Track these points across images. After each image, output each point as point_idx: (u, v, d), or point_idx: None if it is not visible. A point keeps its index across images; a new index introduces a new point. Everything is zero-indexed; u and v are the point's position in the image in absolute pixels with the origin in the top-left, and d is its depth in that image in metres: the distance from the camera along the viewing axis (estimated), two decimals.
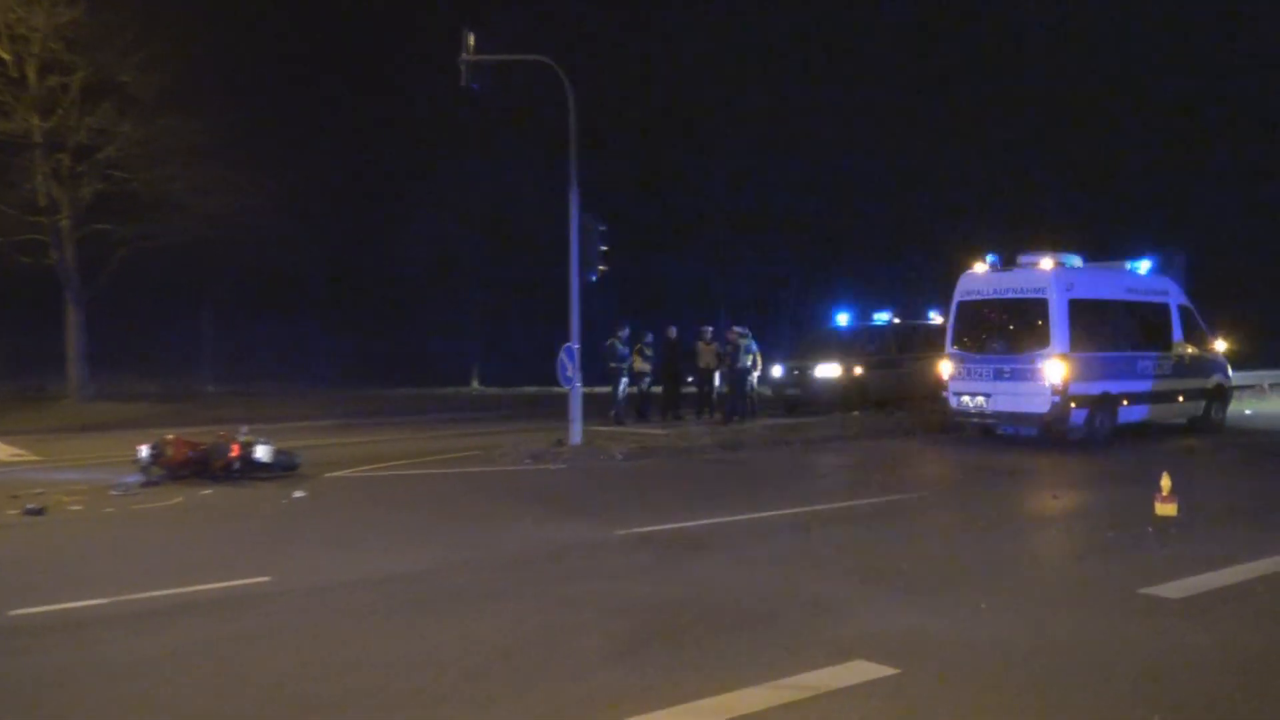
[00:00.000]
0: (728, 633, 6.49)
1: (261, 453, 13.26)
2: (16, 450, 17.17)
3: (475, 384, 41.17)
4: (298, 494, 12.15)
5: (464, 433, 20.50)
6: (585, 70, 25.05)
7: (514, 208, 39.25)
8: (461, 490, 12.89)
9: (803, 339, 27.35)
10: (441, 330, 44.30)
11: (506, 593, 7.52)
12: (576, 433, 16.84)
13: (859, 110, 44.01)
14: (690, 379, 22.41)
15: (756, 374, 21.16)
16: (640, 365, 20.96)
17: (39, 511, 10.92)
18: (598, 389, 21.94)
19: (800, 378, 23.21)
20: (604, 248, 17.27)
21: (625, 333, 20.63)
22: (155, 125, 26.40)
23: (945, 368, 18.22)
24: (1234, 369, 21.12)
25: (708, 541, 9.41)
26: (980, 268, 18.06)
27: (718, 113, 43.22)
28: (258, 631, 6.65)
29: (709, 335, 21.97)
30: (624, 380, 20.50)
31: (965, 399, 17.75)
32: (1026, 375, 16.92)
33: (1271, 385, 28.28)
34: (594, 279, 17.30)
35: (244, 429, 13.73)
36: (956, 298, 18.25)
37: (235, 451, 13.11)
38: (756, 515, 10.83)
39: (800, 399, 23.08)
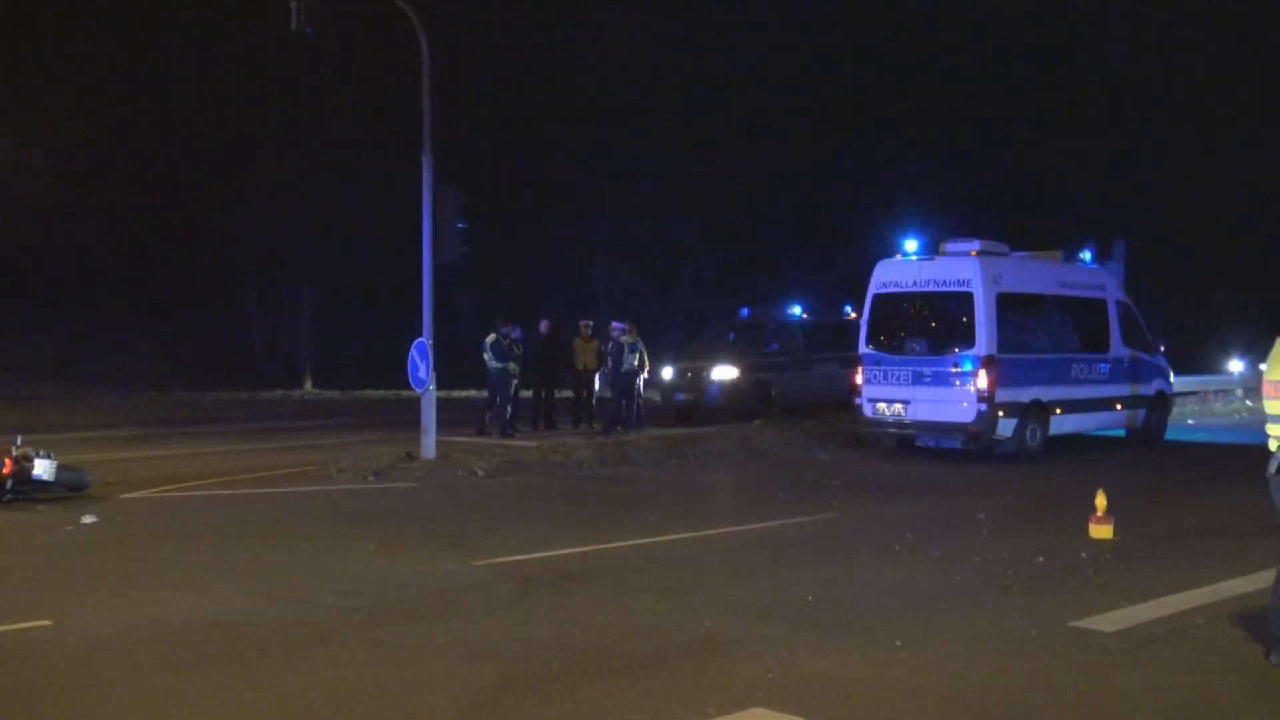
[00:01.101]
0: (606, 679, 6.52)
1: (41, 469, 12.78)
2: None
3: (308, 386, 40.45)
4: (86, 519, 11.77)
5: (295, 444, 20.14)
6: (443, 15, 24.82)
7: (357, 179, 38.68)
8: (289, 514, 12.65)
9: (697, 337, 27.62)
10: (267, 323, 43.38)
11: (340, 639, 7.40)
12: (430, 445, 16.70)
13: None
14: (565, 382, 22.40)
15: (644, 377, 21.30)
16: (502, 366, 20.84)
17: None
18: (456, 392, 21.79)
19: (694, 381, 23.38)
20: (464, 225, 17.15)
21: (513, 330, 20.14)
22: None
23: (859, 371, 18.57)
24: (1175, 374, 22.14)
25: (584, 573, 9.43)
26: (899, 256, 18.44)
27: (604, 64, 42.67)
28: (30, 689, 6.39)
29: (588, 331, 22.02)
30: (513, 383, 19.96)
31: (881, 406, 18.15)
32: (949, 380, 17.38)
33: (1217, 393, 29.74)
34: (452, 260, 17.16)
35: (18, 439, 13.20)
36: (871, 290, 18.61)
37: (7, 468, 12.61)
38: (641, 541, 10.90)
39: (694, 406, 23.29)
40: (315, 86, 38.86)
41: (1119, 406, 19.75)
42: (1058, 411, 18.25)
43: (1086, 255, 19.93)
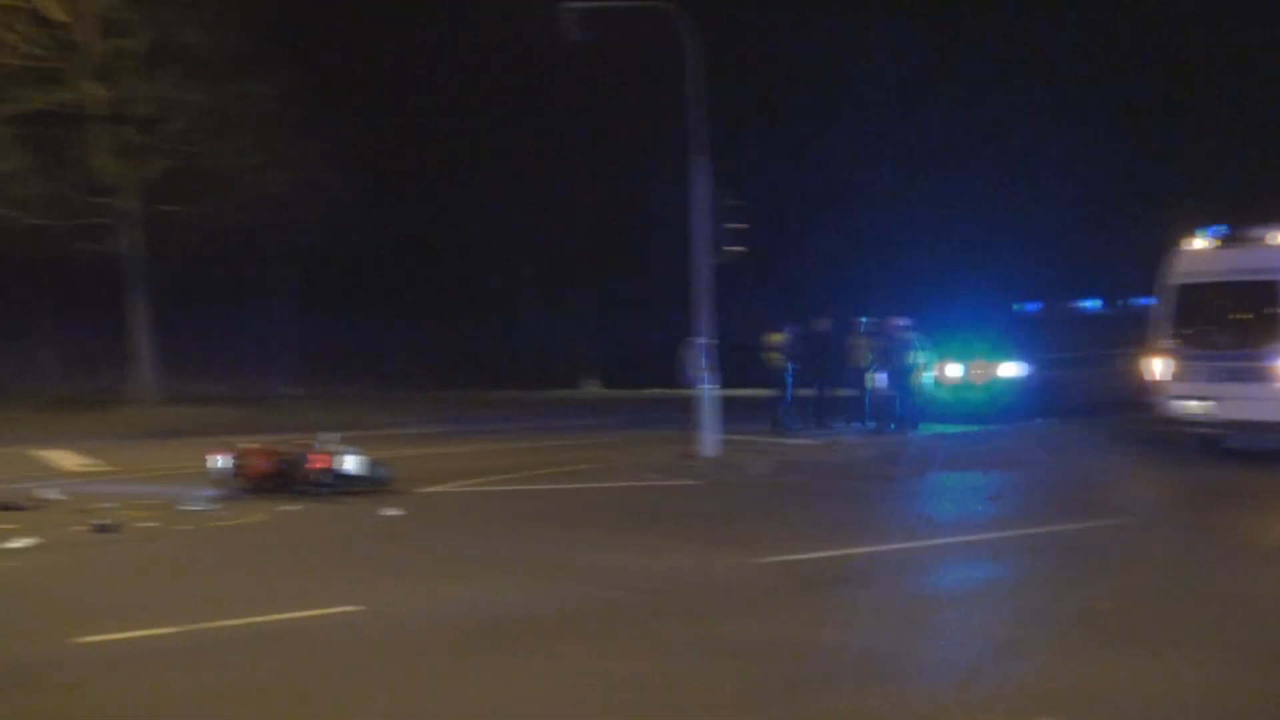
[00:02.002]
0: (891, 683, 6.49)
1: (351, 464, 13.71)
2: (85, 460, 18.16)
3: (590, 385, 41.62)
4: (391, 512, 12.56)
5: (577, 442, 20.77)
6: (711, 18, 25.03)
7: (640, 181, 39.39)
8: (574, 510, 13.11)
9: (981, 331, 26.82)
10: (550, 324, 44.86)
11: (619, 632, 7.65)
12: (709, 442, 16.93)
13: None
14: (842, 380, 22.20)
15: (923, 375, 20.87)
16: (782, 364, 20.91)
17: (110, 528, 11.57)
18: (732, 391, 21.99)
19: (976, 379, 22.78)
20: (739, 225, 17.30)
21: (792, 328, 20.43)
22: (225, 92, 27.50)
23: (1158, 366, 17.64)
24: None
25: (866, 574, 9.38)
26: (1200, 243, 17.39)
27: (882, 68, 42.19)
28: (344, 668, 6.93)
29: (865, 329, 21.79)
30: (793, 382, 20.24)
31: (1185, 404, 17.17)
32: (1266, 376, 16.28)
33: None
34: (724, 261, 17.36)
35: (332, 437, 14.23)
36: (1173, 280, 17.61)
37: (322, 463, 13.58)
38: (926, 543, 10.74)
39: (977, 404, 22.66)
40: (589, 86, 39.87)
41: None
42: None
43: None
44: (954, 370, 23.47)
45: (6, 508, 12.78)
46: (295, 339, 39.31)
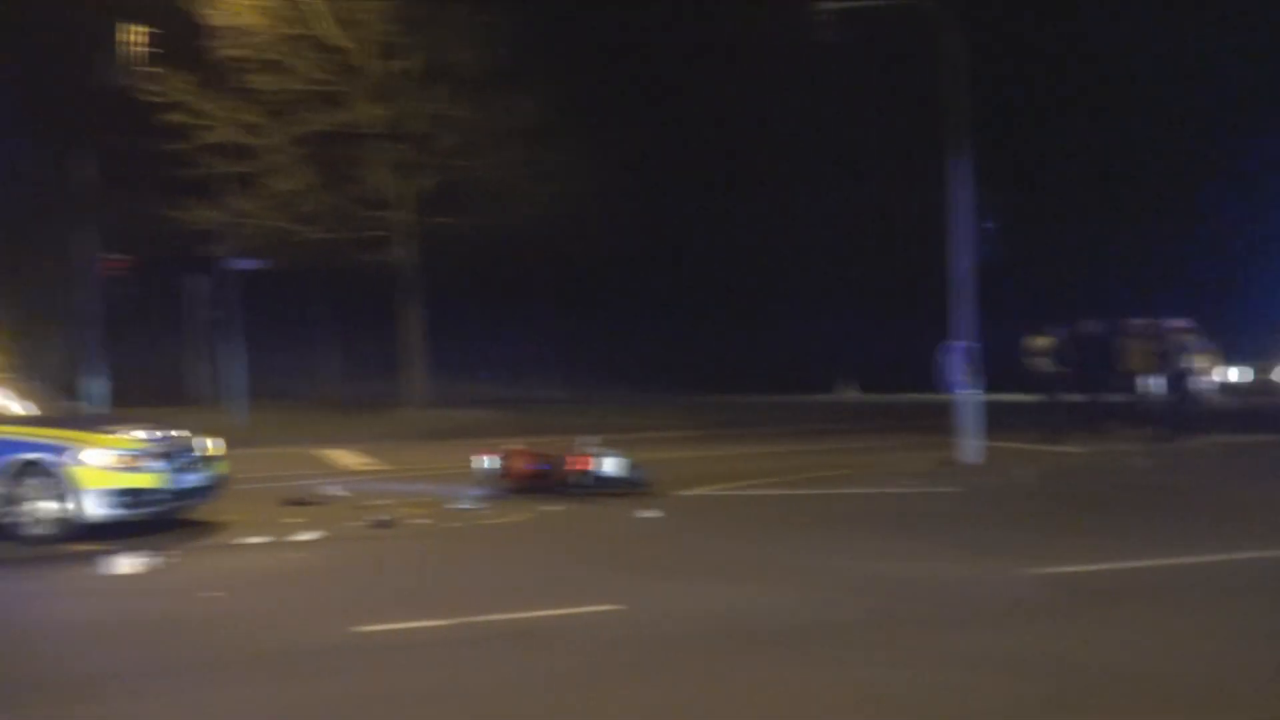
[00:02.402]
0: (1163, 709, 6.09)
1: (611, 466, 13.99)
2: (364, 459, 19.27)
3: (847, 390, 41.18)
4: (649, 514, 12.72)
5: (834, 447, 20.56)
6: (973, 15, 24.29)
7: (896, 181, 38.69)
8: (831, 515, 12.96)
9: (1269, 333, 25.10)
10: (806, 328, 44.57)
11: (879, 640, 7.47)
12: (970, 449, 16.45)
13: None
14: (1114, 385, 21.15)
15: (1206, 379, 19.62)
16: (1048, 367, 20.12)
17: (386, 524, 12.18)
18: (996, 396, 21.28)
19: (1266, 383, 21.34)
20: (993, 225, 16.82)
21: (1059, 331, 19.71)
22: (491, 107, 28.59)
23: None
24: None
25: (1145, 588, 8.87)
26: None
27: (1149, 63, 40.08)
28: (604, 665, 7.02)
29: (1139, 330, 20.65)
30: (1062, 387, 19.55)
31: None
32: None
33: None
34: (983, 261, 16.86)
35: (592, 440, 14.55)
36: None
37: (583, 465, 13.92)
38: (1212, 558, 10.04)
39: (1263, 411, 21.18)
40: (842, 86, 39.35)
41: None
42: None
43: None
44: (1238, 374, 22.02)
45: (295, 503, 13.65)
46: (556, 344, 40.44)
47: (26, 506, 11.33)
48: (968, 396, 16.54)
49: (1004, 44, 38.52)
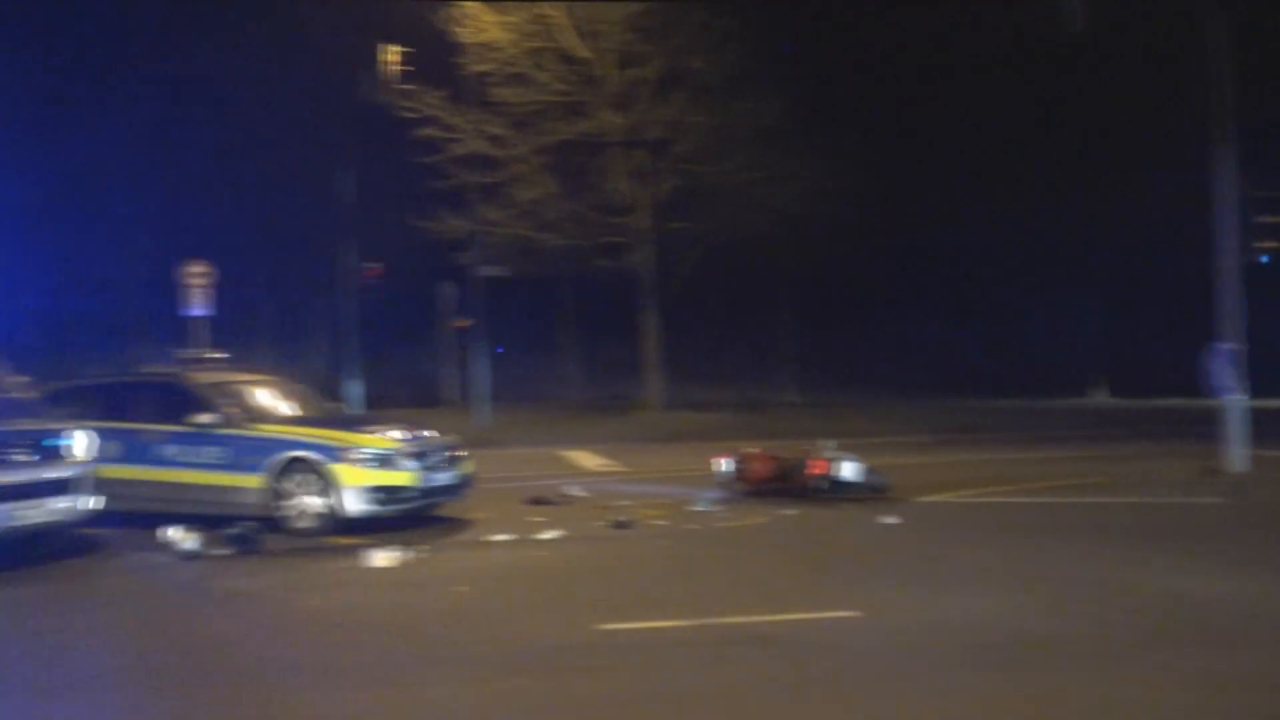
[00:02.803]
0: None
1: (848, 471, 13.82)
2: (603, 461, 19.67)
3: (1097, 394, 39.45)
4: (888, 519, 12.49)
5: (1082, 454, 19.77)
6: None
7: (1149, 177, 36.79)
8: (1079, 524, 12.46)
9: None
10: (1053, 331, 42.90)
11: (1132, 656, 7.10)
12: (1236, 458, 15.48)
13: None
14: None
15: None
16: None
17: (626, 525, 12.38)
18: (1265, 402, 19.96)
19: None
20: (1262, 220, 15.81)
21: None
22: (727, 112, 28.70)
23: None
24: None
25: None
26: None
27: None
28: (842, 672, 6.93)
29: None
30: None
31: None
32: None
33: None
34: (1247, 260, 15.87)
35: (829, 444, 14.41)
36: None
37: (820, 469, 13.80)
38: None
39: None
40: (1093, 75, 37.66)
41: None
42: None
43: None
44: None
45: (537, 502, 14.04)
46: (792, 347, 40.26)
47: (293, 502, 12.05)
48: (1234, 401, 15.56)
49: (1273, 24, 36.10)
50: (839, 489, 13.80)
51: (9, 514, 10.23)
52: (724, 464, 14.49)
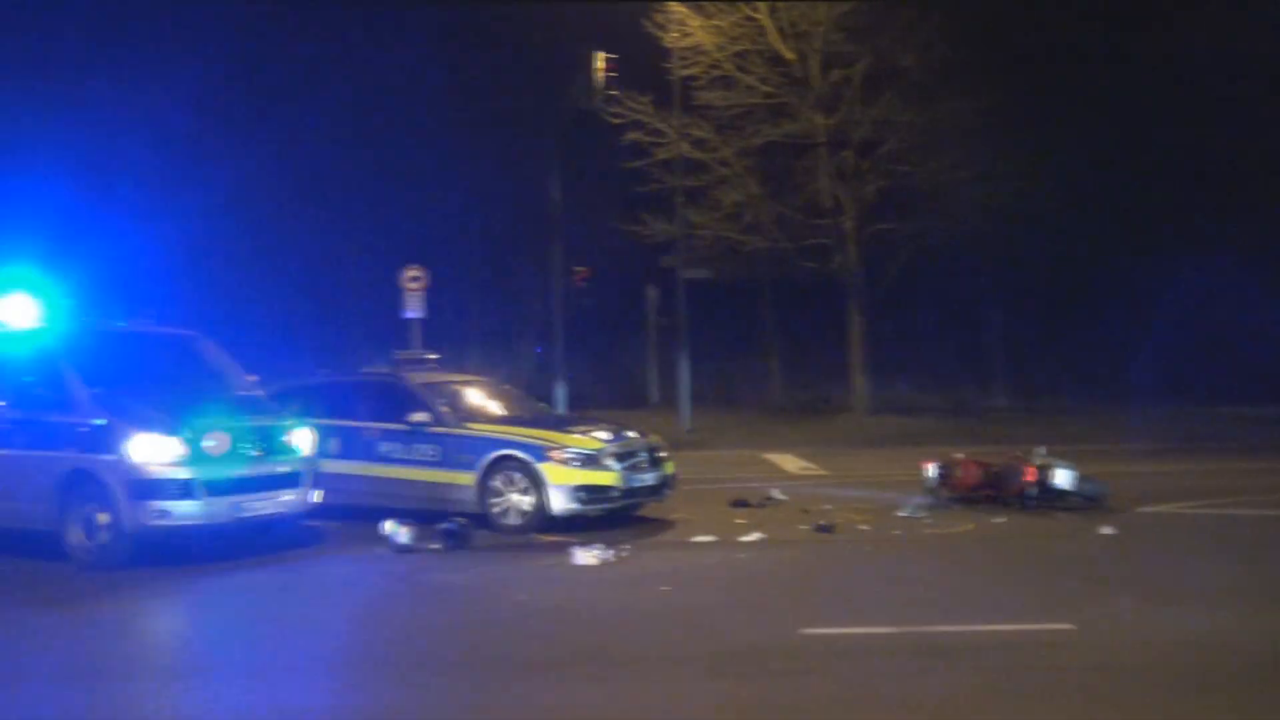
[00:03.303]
0: None
1: (1061, 479, 13.33)
2: (805, 464, 19.55)
3: None
4: (1105, 530, 12.00)
5: None
6: None
7: None
8: None
9: None
10: None
11: None
12: None
13: None
14: None
15: None
16: None
17: (828, 529, 12.27)
18: None
19: None
20: None
21: None
22: (937, 110, 28.10)
23: None
24: None
25: None
26: None
27: None
28: (1054, 687, 6.73)
29: None
30: None
31: None
32: None
33: None
34: None
35: (1040, 450, 13.95)
36: None
37: (1031, 476, 13.36)
38: None
39: None
40: None
41: None
42: None
43: None
44: None
45: (739, 504, 14.05)
46: (1001, 349, 39.11)
47: (501, 499, 12.39)
48: None
49: None
50: (1051, 497, 13.33)
51: (240, 505, 10.87)
52: (931, 470, 14.20)
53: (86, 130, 32.29)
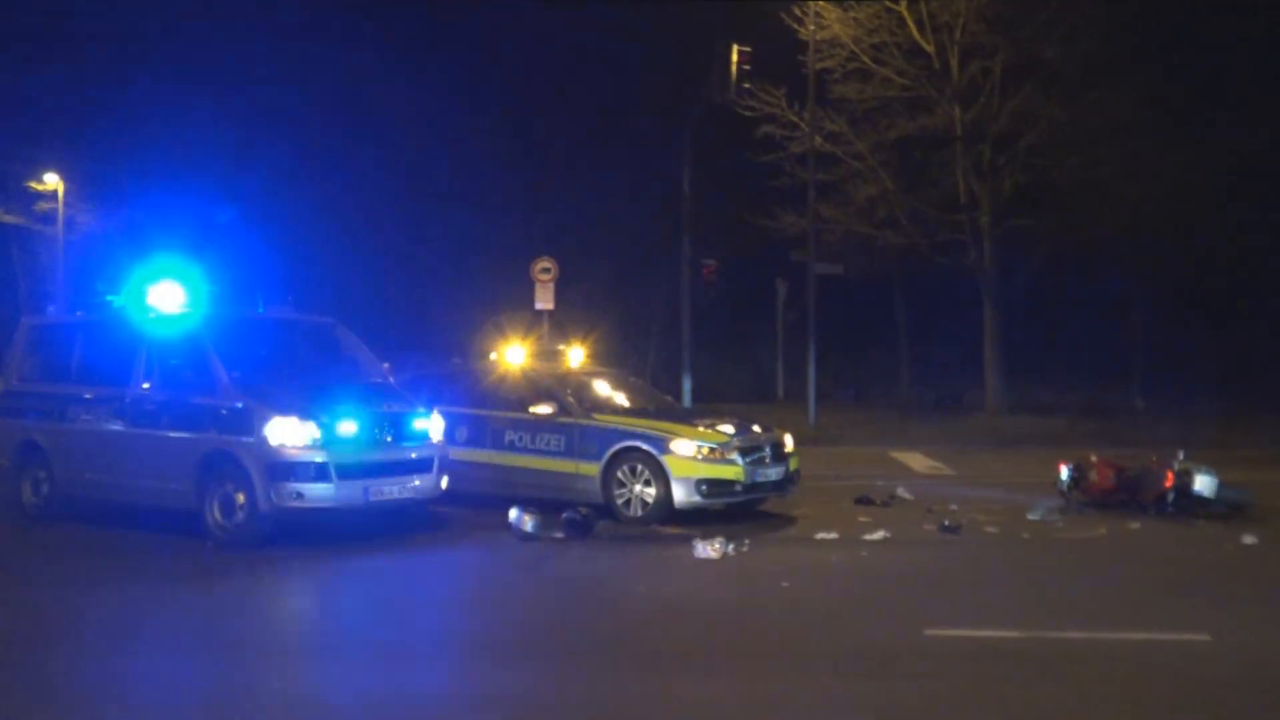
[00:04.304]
0: None
1: (1202, 485, 12.84)
2: (933, 463, 19.21)
3: None
4: (1247, 539, 11.53)
5: None
6: None
7: None
8: None
9: None
10: None
11: None
12: None
13: None
14: None
15: None
16: None
17: (955, 529, 12.05)
18: None
19: None
20: None
21: None
22: (1080, 103, 27.29)
23: None
24: None
25: None
26: None
27: None
28: (1188, 699, 6.52)
29: None
30: None
31: None
32: None
33: None
34: None
35: (1180, 454, 13.46)
36: None
37: (1169, 481, 12.91)
38: None
39: None
40: None
41: None
42: None
43: None
44: None
45: (863, 502, 13.87)
46: (1143, 351, 37.83)
47: (624, 490, 12.45)
48: None
49: None
50: (1190, 504, 12.84)
51: (371, 489, 11.14)
52: (1064, 472, 13.82)
53: (233, 133, 33.70)
